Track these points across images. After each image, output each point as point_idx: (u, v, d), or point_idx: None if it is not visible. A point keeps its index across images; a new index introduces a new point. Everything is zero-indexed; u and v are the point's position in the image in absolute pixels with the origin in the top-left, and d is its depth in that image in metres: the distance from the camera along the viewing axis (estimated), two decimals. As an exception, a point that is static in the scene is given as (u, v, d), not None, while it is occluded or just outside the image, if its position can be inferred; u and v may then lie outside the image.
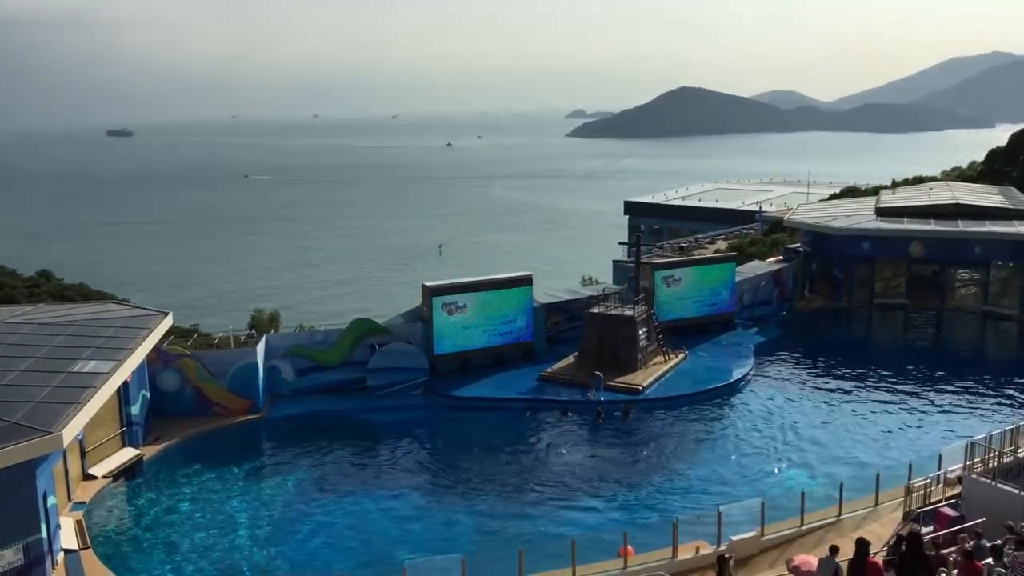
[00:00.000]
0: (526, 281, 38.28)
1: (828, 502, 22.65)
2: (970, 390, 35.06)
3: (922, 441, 29.43)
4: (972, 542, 16.52)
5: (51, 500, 21.05)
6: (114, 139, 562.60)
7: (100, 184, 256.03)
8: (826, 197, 79.49)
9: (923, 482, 22.51)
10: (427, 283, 37.03)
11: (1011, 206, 51.88)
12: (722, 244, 70.88)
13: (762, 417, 32.23)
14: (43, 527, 20.02)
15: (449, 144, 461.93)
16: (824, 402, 33.89)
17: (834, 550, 16.14)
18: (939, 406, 33.36)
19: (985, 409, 32.80)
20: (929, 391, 35.05)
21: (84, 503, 24.58)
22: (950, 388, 35.35)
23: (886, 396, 34.51)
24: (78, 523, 22.96)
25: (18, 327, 28.31)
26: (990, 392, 34.84)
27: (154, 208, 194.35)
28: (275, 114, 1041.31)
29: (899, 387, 35.57)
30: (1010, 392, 34.76)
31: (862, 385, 35.89)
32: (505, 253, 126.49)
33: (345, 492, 26.28)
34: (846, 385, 35.94)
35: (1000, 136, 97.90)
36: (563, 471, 27.63)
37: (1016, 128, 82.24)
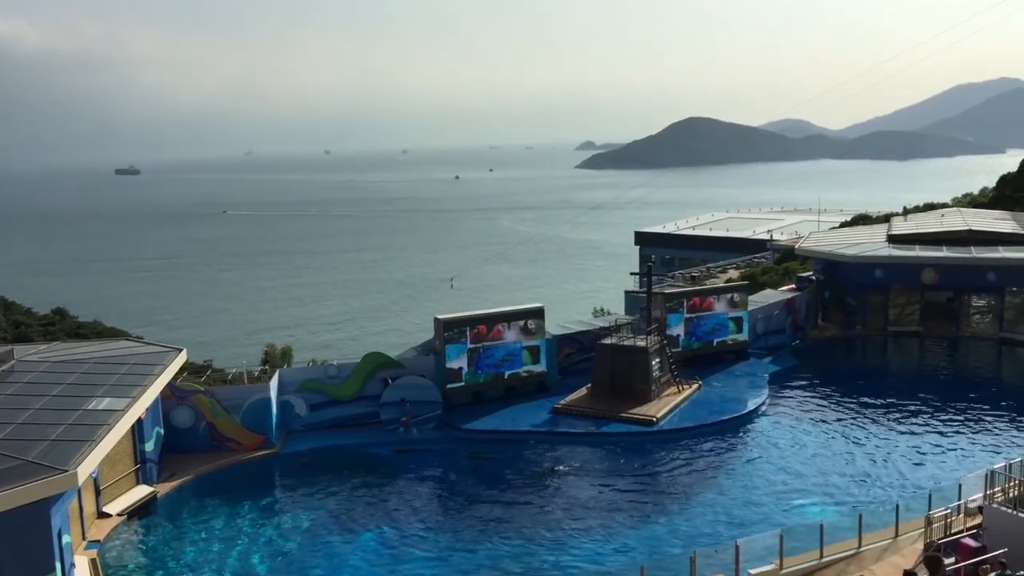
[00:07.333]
0: (538, 313, 38.26)
1: (847, 533, 22.35)
2: (988, 417, 34.67)
3: (941, 470, 29.07)
4: (995, 573, 16.28)
5: (66, 538, 21.01)
6: (121, 177, 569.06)
7: (105, 221, 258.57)
8: (837, 225, 79.33)
9: (943, 512, 22.21)
10: (439, 316, 37.03)
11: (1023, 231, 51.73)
12: (734, 273, 70.64)
13: (778, 447, 31.93)
14: (58, 566, 19.94)
15: (457, 177, 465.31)
16: (841, 432, 33.51)
17: None
18: (957, 434, 32.97)
19: (1004, 437, 32.40)
20: (946, 419, 34.65)
21: (98, 541, 24.52)
22: (968, 416, 34.96)
23: (903, 425, 34.16)
24: (92, 562, 22.90)
25: (33, 365, 28.44)
26: (1009, 419, 34.42)
27: (164, 244, 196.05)
28: (288, 150, 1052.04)
29: (916, 415, 35.23)
30: (1029, 419, 34.39)
31: (878, 414, 35.54)
32: (516, 285, 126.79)
33: (360, 529, 26.07)
34: (862, 414, 35.58)
35: (1010, 162, 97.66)
36: (577, 504, 27.39)
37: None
